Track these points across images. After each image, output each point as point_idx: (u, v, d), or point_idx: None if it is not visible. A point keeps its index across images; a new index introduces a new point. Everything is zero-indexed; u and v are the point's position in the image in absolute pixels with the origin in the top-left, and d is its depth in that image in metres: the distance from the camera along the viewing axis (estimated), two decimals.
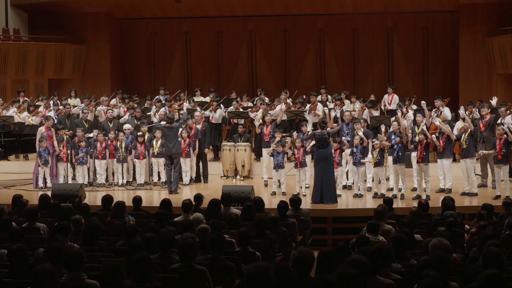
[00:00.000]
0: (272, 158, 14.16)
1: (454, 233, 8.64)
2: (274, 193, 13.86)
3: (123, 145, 15.09)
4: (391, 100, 18.47)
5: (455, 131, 14.05)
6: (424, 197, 12.54)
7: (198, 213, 9.35)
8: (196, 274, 6.44)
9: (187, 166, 15.08)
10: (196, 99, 18.77)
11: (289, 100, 17.71)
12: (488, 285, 4.72)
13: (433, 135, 13.31)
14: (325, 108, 14.39)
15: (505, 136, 12.76)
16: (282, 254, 8.70)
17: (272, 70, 24.72)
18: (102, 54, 24.36)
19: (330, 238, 12.04)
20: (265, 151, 15.11)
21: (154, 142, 14.95)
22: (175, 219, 9.72)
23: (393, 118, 14.16)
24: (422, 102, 14.47)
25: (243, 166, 15.67)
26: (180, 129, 14.79)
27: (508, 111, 15.53)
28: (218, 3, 23.46)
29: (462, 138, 13.39)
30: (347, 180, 14.37)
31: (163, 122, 14.38)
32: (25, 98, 19.59)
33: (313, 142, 13.05)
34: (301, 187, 13.70)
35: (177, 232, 8.30)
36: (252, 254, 7.62)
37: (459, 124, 15.07)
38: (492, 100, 14.68)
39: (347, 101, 17.85)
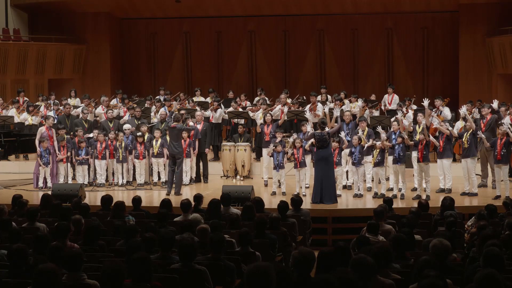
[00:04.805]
0: (272, 158, 14.16)
1: (454, 233, 8.64)
2: (274, 193, 13.86)
3: (123, 145, 15.10)
4: (391, 100, 18.49)
5: (455, 131, 14.05)
6: (424, 197, 12.53)
7: (196, 214, 9.36)
8: (196, 274, 6.44)
9: (187, 166, 15.08)
10: (196, 99, 18.78)
11: (289, 100, 17.71)
12: (485, 284, 4.72)
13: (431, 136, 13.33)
14: (325, 107, 14.34)
15: (506, 136, 12.76)
16: (282, 254, 8.70)
17: (272, 70, 24.72)
18: (102, 54, 24.36)
19: (330, 238, 12.04)
20: (265, 151, 15.11)
21: (154, 142, 14.96)
22: (175, 219, 9.72)
23: (393, 118, 14.15)
24: (425, 101, 14.12)
25: (243, 166, 15.68)
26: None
27: (508, 111, 15.53)
28: (218, 3, 23.47)
29: (464, 138, 13.40)
30: (347, 180, 14.38)
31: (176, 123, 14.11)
32: (25, 98, 19.61)
33: (311, 140, 13.06)
34: (301, 187, 13.69)
35: (177, 232, 8.30)
36: (252, 254, 7.62)
37: (459, 124, 15.09)
38: (493, 103, 14.71)
39: (347, 101, 17.86)
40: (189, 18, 24.94)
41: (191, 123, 15.07)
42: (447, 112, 15.66)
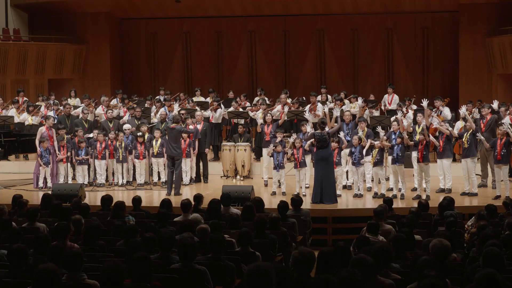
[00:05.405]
0: (272, 158, 14.16)
1: (454, 233, 8.64)
2: (274, 193, 13.86)
3: (123, 145, 15.11)
4: (391, 100, 18.48)
5: (455, 131, 14.05)
6: (424, 197, 12.53)
7: (196, 214, 9.36)
8: (196, 274, 6.44)
9: (187, 166, 15.09)
10: (196, 99, 18.78)
11: (289, 100, 17.71)
12: (485, 284, 4.72)
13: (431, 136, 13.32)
14: (325, 107, 14.33)
15: (506, 136, 12.75)
16: (282, 254, 8.70)
17: (272, 70, 24.72)
18: (102, 54, 24.36)
19: (330, 238, 12.04)
20: (265, 151, 15.11)
21: (154, 142, 14.95)
22: (175, 219, 9.72)
23: (393, 118, 14.16)
24: (424, 101, 14.13)
25: (243, 166, 15.68)
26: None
27: (508, 111, 15.53)
28: (218, 3, 23.47)
29: (464, 138, 13.40)
30: (347, 180, 14.38)
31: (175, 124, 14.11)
32: (25, 98, 19.61)
33: (311, 140, 13.06)
34: (301, 187, 13.69)
35: (177, 232, 8.30)
36: (252, 254, 7.62)
37: (459, 124, 15.08)
38: (493, 103, 14.71)
39: (347, 101, 17.85)
40: (189, 18, 24.94)
41: (190, 126, 15.05)
42: (447, 112, 15.66)
